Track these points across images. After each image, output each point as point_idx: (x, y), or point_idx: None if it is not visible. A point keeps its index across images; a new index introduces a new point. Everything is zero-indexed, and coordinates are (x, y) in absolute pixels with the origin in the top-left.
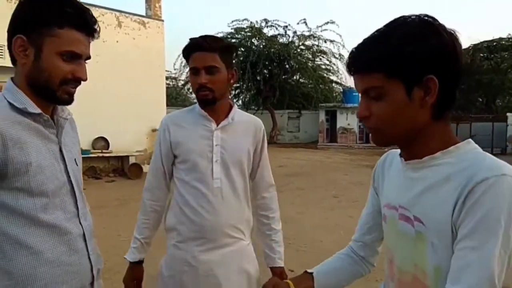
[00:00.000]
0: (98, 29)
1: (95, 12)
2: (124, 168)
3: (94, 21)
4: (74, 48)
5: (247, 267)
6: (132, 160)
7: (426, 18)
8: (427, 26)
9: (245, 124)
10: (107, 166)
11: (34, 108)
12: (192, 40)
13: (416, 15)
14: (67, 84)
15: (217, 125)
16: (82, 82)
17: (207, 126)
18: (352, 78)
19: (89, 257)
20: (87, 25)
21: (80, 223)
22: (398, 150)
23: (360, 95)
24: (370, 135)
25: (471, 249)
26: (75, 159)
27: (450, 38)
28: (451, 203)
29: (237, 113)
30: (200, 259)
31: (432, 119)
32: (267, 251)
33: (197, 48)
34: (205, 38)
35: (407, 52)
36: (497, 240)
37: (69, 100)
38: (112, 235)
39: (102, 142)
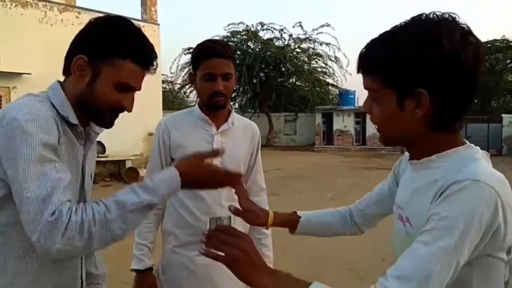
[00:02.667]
0: (156, 65)
1: (89, 16)
2: (120, 173)
3: (155, 56)
4: (131, 82)
5: None
6: (128, 164)
7: (444, 18)
8: (436, 30)
9: (243, 129)
10: (104, 170)
11: (74, 120)
12: (206, 45)
13: (436, 14)
14: (112, 112)
15: (217, 129)
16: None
17: (208, 130)
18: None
19: (81, 274)
20: (148, 62)
21: None
22: None
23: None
24: (366, 137)
25: (423, 244)
26: (91, 174)
27: (459, 45)
28: (428, 206)
29: (236, 118)
30: (198, 263)
31: (431, 129)
32: None
33: (214, 54)
34: (221, 45)
35: (402, 62)
36: (451, 242)
37: (110, 125)
38: None
39: (98, 146)
